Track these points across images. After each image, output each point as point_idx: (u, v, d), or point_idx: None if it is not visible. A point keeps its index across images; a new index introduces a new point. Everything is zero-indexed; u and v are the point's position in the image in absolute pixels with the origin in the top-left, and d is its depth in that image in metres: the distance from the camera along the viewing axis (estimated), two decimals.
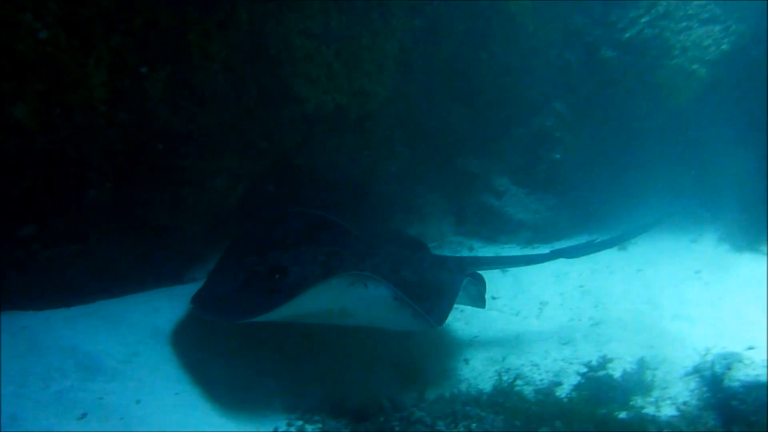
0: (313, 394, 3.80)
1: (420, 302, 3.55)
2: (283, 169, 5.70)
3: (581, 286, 5.35)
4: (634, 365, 3.25)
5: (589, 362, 3.31)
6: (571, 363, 4.23)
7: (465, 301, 4.22)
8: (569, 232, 6.39)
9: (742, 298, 4.84)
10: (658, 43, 5.81)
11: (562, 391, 3.61)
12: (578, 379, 3.31)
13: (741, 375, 3.33)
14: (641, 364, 3.14)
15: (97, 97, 3.83)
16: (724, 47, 5.70)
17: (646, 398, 3.20)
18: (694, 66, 5.76)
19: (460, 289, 3.84)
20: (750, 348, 3.98)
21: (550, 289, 5.32)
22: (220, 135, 4.76)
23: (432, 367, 4.34)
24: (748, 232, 5.62)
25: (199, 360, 3.83)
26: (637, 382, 3.07)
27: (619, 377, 3.19)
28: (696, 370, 3.76)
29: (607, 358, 3.26)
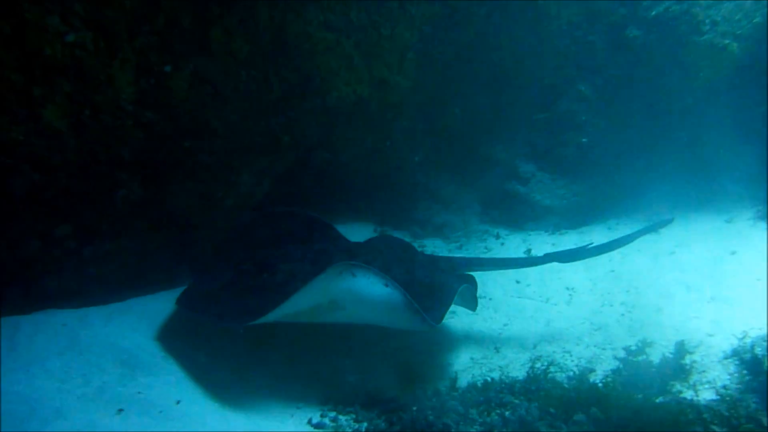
0: (345, 387, 3.82)
1: (414, 298, 3.38)
2: (305, 162, 5.72)
3: (612, 270, 5.26)
4: (671, 349, 3.19)
5: (628, 347, 3.25)
6: (604, 349, 4.17)
7: (457, 302, 4.11)
8: (598, 217, 6.28)
9: None
10: (687, 18, 5.63)
11: (596, 377, 3.55)
12: (615, 364, 3.25)
13: None
14: (679, 348, 3.07)
15: (124, 97, 3.89)
16: (756, 20, 5.49)
17: (684, 383, 3.13)
18: (726, 41, 5.57)
19: (457, 293, 3.77)
20: None
21: (579, 274, 5.24)
22: (244, 131, 4.79)
23: (461, 357, 4.32)
24: None
25: (232, 354, 3.88)
26: (674, 366, 3.01)
27: (657, 362, 3.13)
28: (735, 353, 3.67)
29: (646, 342, 3.20)
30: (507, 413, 3.31)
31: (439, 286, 3.91)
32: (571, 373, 3.77)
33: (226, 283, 3.78)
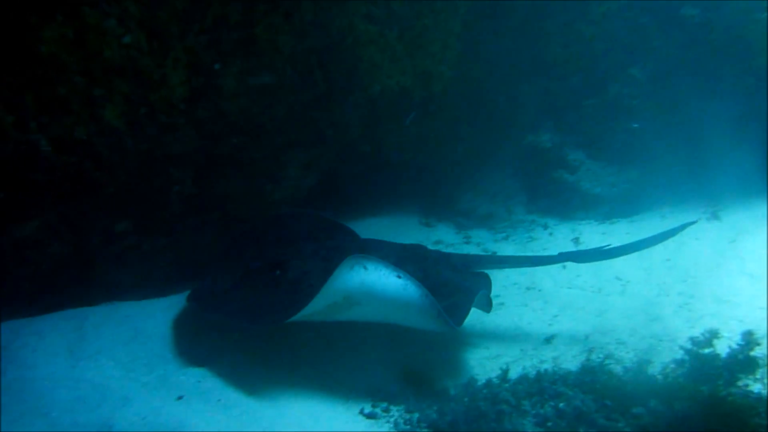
0: (392, 379, 3.83)
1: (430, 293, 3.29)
2: (349, 155, 5.76)
3: (668, 260, 5.07)
4: (737, 341, 3.05)
5: (695, 338, 3.14)
6: (661, 340, 4.04)
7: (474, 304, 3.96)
8: (651, 205, 6.07)
9: None
10: None
11: (654, 369, 3.45)
12: (679, 355, 3.14)
13: None
14: (747, 339, 2.94)
15: (177, 96, 4.00)
16: None
17: (752, 376, 2.99)
18: None
19: (474, 299, 3.68)
20: None
21: (633, 264, 5.08)
22: (290, 125, 4.86)
23: (511, 348, 4.27)
24: None
25: (287, 345, 3.93)
26: (742, 359, 2.88)
27: (724, 354, 3.01)
28: None
29: (713, 333, 3.08)
30: (561, 405, 3.26)
31: (455, 284, 3.82)
32: (627, 365, 3.66)
33: (238, 281, 3.72)
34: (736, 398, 2.72)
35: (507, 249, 5.81)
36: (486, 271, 4.41)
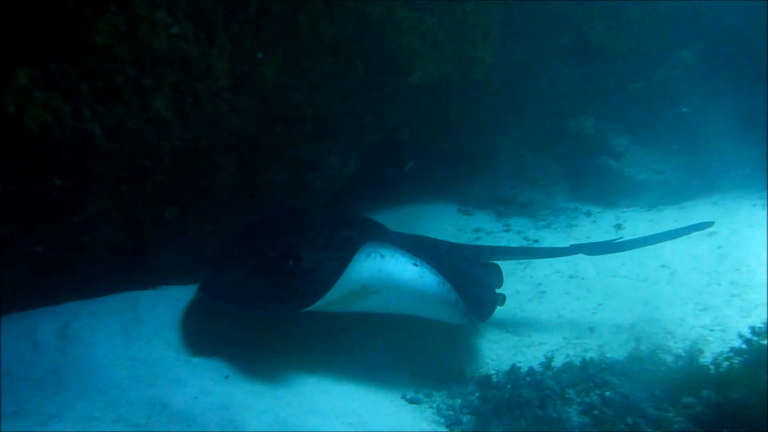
0: (432, 365, 3.83)
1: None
2: (388, 143, 5.76)
3: (719, 247, 4.91)
4: None
5: (754, 327, 3.04)
6: (712, 330, 3.93)
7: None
8: (700, 192, 5.88)
9: None
10: None
11: (705, 359, 3.35)
12: (738, 343, 3.05)
13: None
14: None
15: (221, 84, 4.06)
16: None
17: None
18: None
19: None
20: None
21: (681, 252, 4.94)
22: (331, 113, 4.89)
23: (553, 336, 4.23)
24: None
25: (319, 333, 3.92)
26: None
27: None
28: None
29: None
30: (608, 393, 3.21)
31: (469, 275, 3.76)
32: (675, 355, 3.58)
33: (250, 272, 3.69)
34: None
35: (548, 237, 5.73)
36: (497, 261, 4.39)
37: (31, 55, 3.04)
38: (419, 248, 3.99)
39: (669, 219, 5.53)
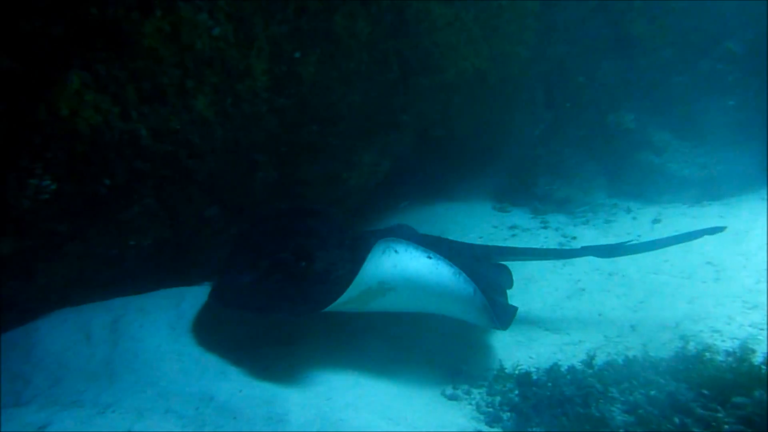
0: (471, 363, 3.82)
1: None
2: (423, 140, 5.76)
3: None
4: None
5: None
6: (763, 329, 3.80)
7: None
8: (748, 187, 5.68)
9: None
10: None
11: (756, 359, 3.25)
12: None
13: None
14: None
15: (260, 85, 4.14)
16: None
17: None
18: None
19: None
20: None
21: (727, 249, 4.79)
22: (366, 111, 4.92)
23: (593, 335, 4.16)
24: None
25: (349, 332, 3.91)
26: None
27: None
28: None
29: None
30: (653, 392, 3.14)
31: (479, 275, 3.67)
32: (723, 354, 3.47)
33: (262, 274, 3.62)
34: None
35: (587, 234, 5.63)
36: (507, 263, 4.36)
37: (83, 60, 3.16)
38: (430, 245, 3.94)
39: (713, 215, 5.37)
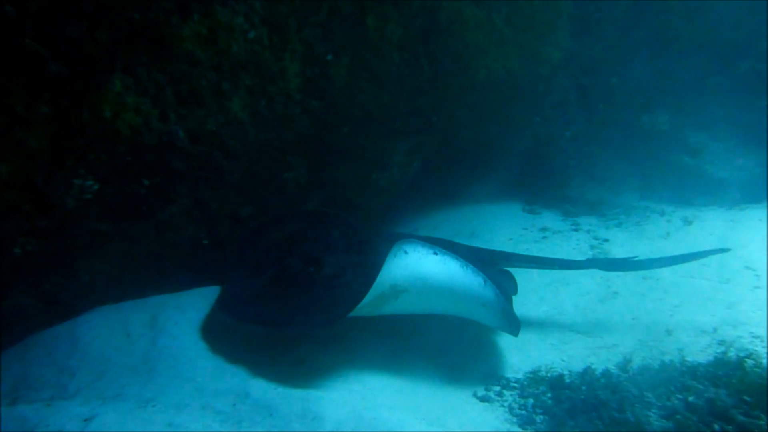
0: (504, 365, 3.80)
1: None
2: (453, 141, 5.75)
3: None
4: None
5: None
6: None
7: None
8: None
9: None
10: None
11: None
12: None
13: None
14: None
15: (293, 87, 4.19)
16: None
17: None
18: None
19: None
20: None
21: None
22: (396, 113, 4.94)
23: (627, 338, 4.09)
24: None
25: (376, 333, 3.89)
26: None
27: None
28: None
29: None
30: (691, 398, 3.09)
31: (489, 277, 3.60)
32: (763, 360, 3.39)
33: (268, 282, 3.53)
34: None
35: (619, 236, 5.55)
36: (511, 269, 4.33)
37: (125, 63, 3.25)
38: (438, 246, 3.96)
39: (752, 218, 5.24)
